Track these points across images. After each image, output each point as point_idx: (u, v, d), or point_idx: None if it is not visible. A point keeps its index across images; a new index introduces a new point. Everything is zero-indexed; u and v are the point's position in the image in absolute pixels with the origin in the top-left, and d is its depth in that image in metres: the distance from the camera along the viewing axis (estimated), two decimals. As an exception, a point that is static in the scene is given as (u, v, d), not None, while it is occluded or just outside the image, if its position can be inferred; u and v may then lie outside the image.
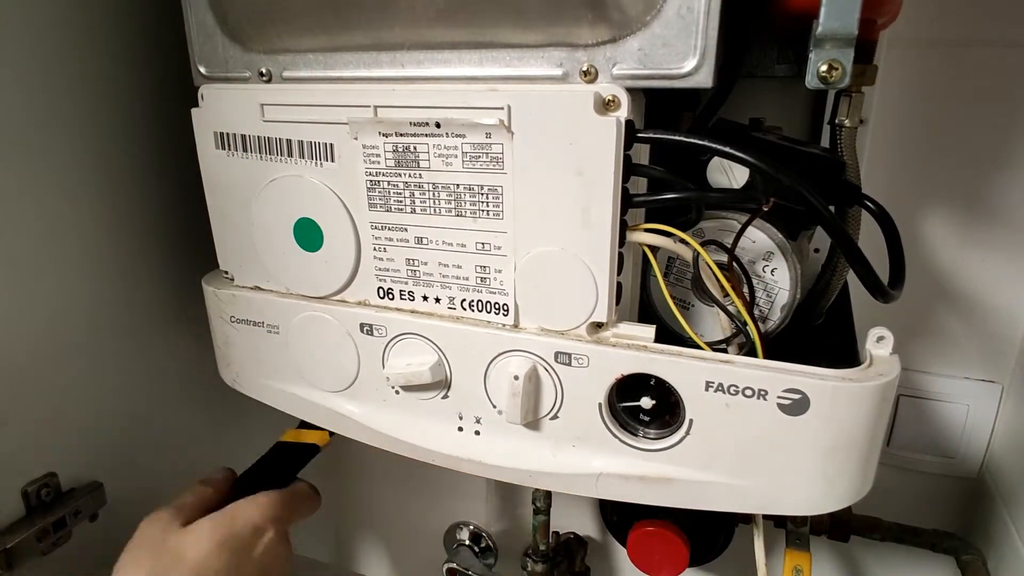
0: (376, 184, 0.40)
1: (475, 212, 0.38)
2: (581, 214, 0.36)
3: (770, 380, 0.35)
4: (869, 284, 0.37)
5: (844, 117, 0.42)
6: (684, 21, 0.33)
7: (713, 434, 0.37)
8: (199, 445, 0.64)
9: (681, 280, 0.42)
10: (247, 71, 0.42)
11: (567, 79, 0.35)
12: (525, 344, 0.40)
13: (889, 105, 0.58)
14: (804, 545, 0.56)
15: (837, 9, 0.32)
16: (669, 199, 0.37)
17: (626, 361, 0.38)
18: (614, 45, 0.34)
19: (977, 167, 0.58)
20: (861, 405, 0.34)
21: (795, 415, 0.35)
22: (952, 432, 0.64)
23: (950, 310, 0.62)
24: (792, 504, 0.37)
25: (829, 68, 0.33)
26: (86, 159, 0.50)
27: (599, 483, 0.40)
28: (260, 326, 0.48)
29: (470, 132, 0.37)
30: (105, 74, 0.50)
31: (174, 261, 0.57)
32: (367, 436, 0.47)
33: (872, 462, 0.37)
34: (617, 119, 0.34)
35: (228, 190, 0.45)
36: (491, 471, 0.43)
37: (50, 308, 0.49)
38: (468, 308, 0.41)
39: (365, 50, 0.39)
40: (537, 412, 0.41)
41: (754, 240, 0.40)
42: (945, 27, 0.56)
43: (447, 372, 0.43)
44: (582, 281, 0.37)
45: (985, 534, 0.63)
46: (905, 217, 0.60)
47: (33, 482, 0.48)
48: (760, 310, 0.41)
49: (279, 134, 0.42)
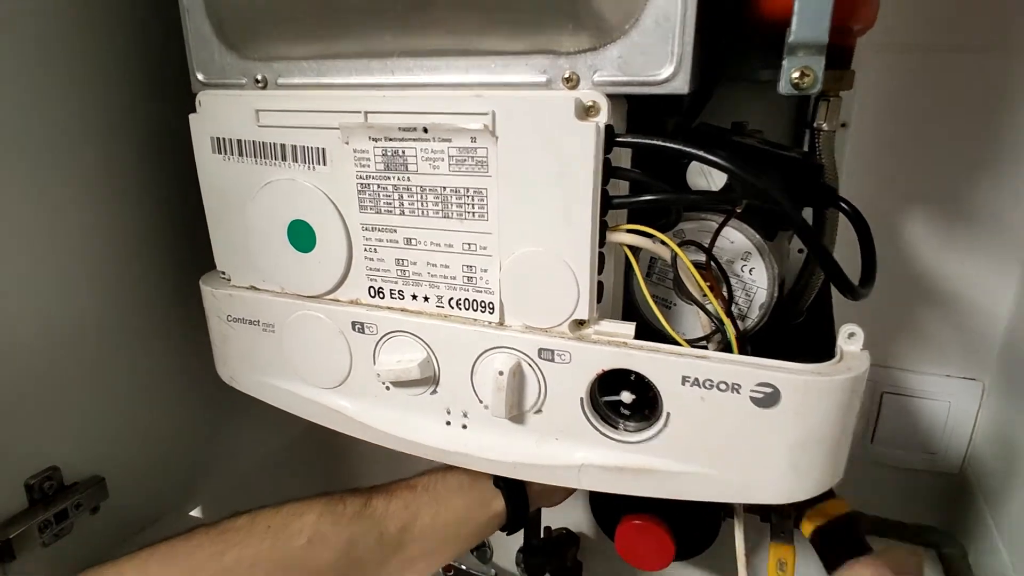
0: (366, 187, 0.42)
1: (461, 214, 0.40)
2: (562, 216, 0.37)
3: (743, 374, 0.36)
4: (838, 282, 0.38)
5: (822, 121, 0.43)
6: (661, 30, 0.34)
7: (689, 426, 0.38)
8: (197, 441, 0.66)
9: (663, 280, 0.44)
10: (243, 78, 0.44)
11: (550, 85, 0.37)
12: (510, 341, 0.41)
13: (870, 109, 0.59)
14: (788, 538, 0.57)
15: (808, 18, 0.33)
16: (647, 200, 0.39)
17: (607, 357, 0.39)
18: (595, 53, 0.36)
19: (957, 169, 0.59)
20: (831, 398, 0.36)
21: (767, 408, 0.36)
22: (934, 428, 0.66)
23: (931, 309, 0.63)
24: (765, 493, 0.38)
25: (801, 75, 0.34)
26: (88, 163, 0.51)
27: (581, 474, 0.41)
28: (256, 325, 0.49)
29: (456, 136, 0.38)
30: (106, 80, 0.51)
31: (173, 262, 0.58)
32: (359, 431, 0.48)
33: (843, 453, 0.38)
34: (597, 124, 0.35)
35: (224, 193, 0.47)
36: (478, 463, 0.45)
37: (53, 306, 0.50)
38: (455, 306, 0.42)
39: (357, 57, 0.41)
40: (521, 406, 0.42)
41: (732, 240, 0.42)
42: (923, 33, 0.57)
43: (435, 368, 0.44)
44: (564, 280, 0.38)
45: (966, 528, 0.64)
46: (887, 218, 0.61)
47: (36, 475, 0.50)
48: (739, 309, 0.42)
49: (274, 139, 0.43)
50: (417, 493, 0.49)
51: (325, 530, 0.45)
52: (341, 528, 0.45)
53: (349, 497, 0.47)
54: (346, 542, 0.45)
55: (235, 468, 0.71)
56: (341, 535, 0.45)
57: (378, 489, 0.49)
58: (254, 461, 0.74)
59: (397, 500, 0.48)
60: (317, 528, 0.44)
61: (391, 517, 0.47)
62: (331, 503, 0.46)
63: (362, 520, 0.46)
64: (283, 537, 0.44)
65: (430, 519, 0.49)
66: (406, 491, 0.49)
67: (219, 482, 0.69)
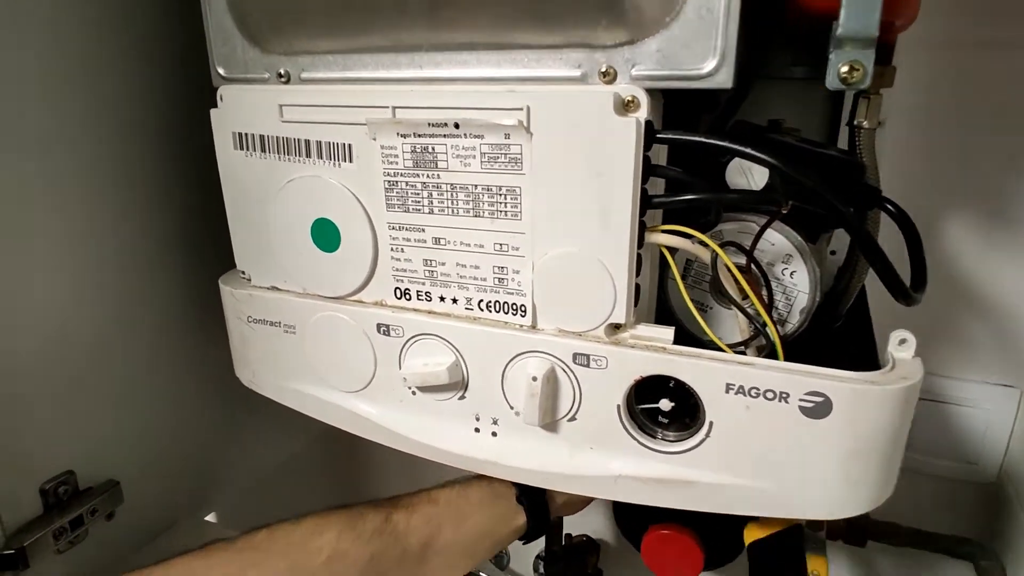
0: (394, 184, 0.40)
1: (493, 213, 0.38)
2: (599, 215, 0.36)
3: (792, 383, 0.34)
4: (892, 287, 0.37)
5: (863, 119, 0.42)
6: (704, 22, 0.33)
7: (733, 437, 0.37)
8: (215, 445, 0.65)
9: (699, 283, 0.42)
10: (266, 72, 0.43)
11: (586, 80, 0.35)
12: (543, 345, 0.40)
13: (908, 107, 0.57)
14: (821, 549, 0.55)
15: (857, 10, 0.31)
16: (688, 200, 0.37)
17: (645, 363, 0.37)
18: (633, 46, 0.34)
19: (997, 170, 0.58)
20: (884, 408, 0.34)
21: (817, 418, 0.34)
22: (971, 437, 0.64)
23: (969, 314, 0.61)
24: (814, 508, 0.37)
25: (850, 69, 0.33)
26: (107, 161, 0.50)
27: (617, 485, 0.40)
28: (277, 326, 0.48)
29: (489, 133, 0.37)
30: (125, 75, 0.51)
31: (192, 261, 0.57)
32: (383, 437, 0.47)
33: (894, 466, 0.36)
34: (637, 120, 0.34)
35: (246, 190, 0.45)
36: (508, 472, 0.43)
37: (70, 308, 0.49)
38: (485, 309, 0.41)
39: (383, 51, 0.39)
40: (555, 413, 0.41)
41: (773, 243, 0.40)
42: (964, 29, 0.56)
43: (464, 373, 0.43)
44: (600, 282, 0.37)
45: (1004, 540, 0.62)
46: (924, 220, 0.59)
47: (51, 480, 0.49)
48: (779, 313, 0.41)
49: (297, 135, 0.42)
50: (439, 508, 0.48)
51: (346, 547, 0.43)
52: (362, 545, 0.44)
53: (369, 512, 0.46)
54: (368, 559, 0.44)
55: (252, 473, 0.70)
56: (362, 552, 0.44)
57: (398, 502, 0.48)
58: (271, 465, 0.73)
59: (418, 515, 0.47)
60: (337, 546, 0.43)
61: (413, 532, 0.46)
62: (351, 519, 0.45)
63: (383, 536, 0.45)
64: (303, 556, 0.43)
65: (452, 534, 0.48)
66: (428, 505, 0.48)
67: (235, 487, 0.68)
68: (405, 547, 0.45)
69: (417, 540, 0.46)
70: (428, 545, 0.46)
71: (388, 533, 0.45)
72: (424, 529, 0.47)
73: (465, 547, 0.49)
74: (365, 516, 0.46)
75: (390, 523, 0.46)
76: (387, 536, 0.45)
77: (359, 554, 0.44)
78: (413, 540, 0.46)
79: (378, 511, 0.46)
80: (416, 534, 0.46)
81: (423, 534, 0.46)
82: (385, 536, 0.45)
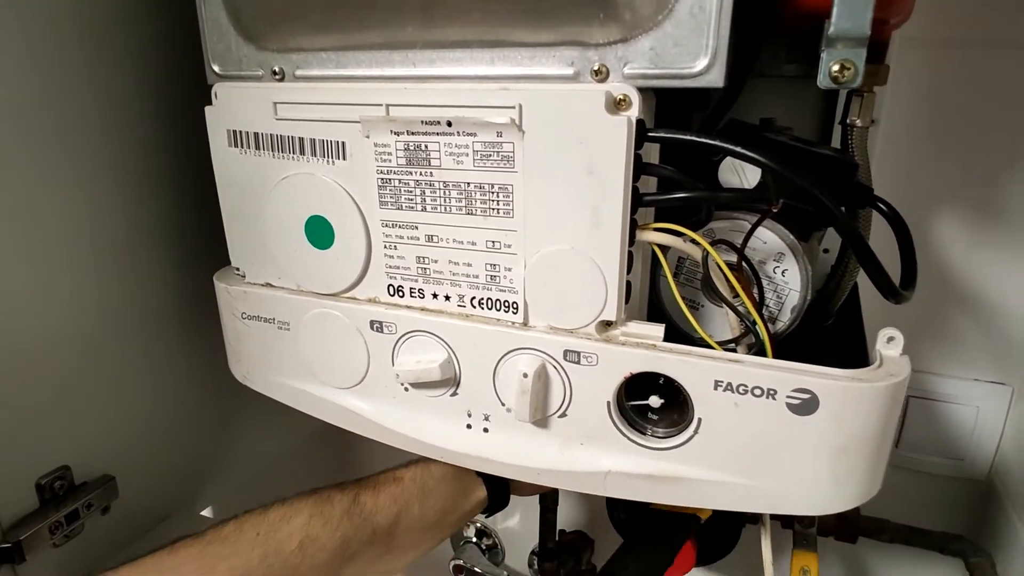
0: (387, 182, 0.41)
1: (485, 210, 0.39)
2: (591, 213, 0.36)
3: (780, 380, 0.35)
4: (881, 286, 0.37)
5: (856, 117, 0.42)
6: (696, 20, 0.33)
7: (722, 433, 0.37)
8: (210, 440, 0.65)
9: (690, 280, 0.42)
10: (260, 69, 0.43)
11: (578, 78, 0.36)
12: (534, 342, 0.40)
13: (900, 105, 0.58)
14: (812, 546, 0.56)
15: (849, 9, 0.32)
16: (679, 198, 0.37)
17: (635, 360, 0.38)
18: (625, 44, 0.34)
19: (987, 167, 0.58)
20: (871, 405, 0.34)
21: (804, 415, 0.35)
22: (961, 434, 0.64)
23: (960, 311, 0.62)
24: (801, 504, 0.37)
25: (841, 68, 0.33)
26: (102, 158, 0.50)
27: (607, 481, 0.40)
28: (271, 323, 0.48)
29: (481, 131, 0.37)
30: (120, 72, 0.51)
31: (187, 258, 0.57)
32: (376, 433, 0.47)
33: (882, 463, 0.36)
34: (628, 118, 0.34)
35: (240, 188, 0.46)
36: (499, 468, 0.43)
37: (66, 304, 0.49)
38: (478, 306, 0.41)
39: (377, 49, 0.40)
40: (546, 410, 0.41)
41: (765, 241, 0.40)
42: (957, 27, 0.56)
43: (456, 369, 0.43)
44: (592, 280, 0.37)
45: (994, 537, 0.62)
46: (914, 217, 0.59)
47: (47, 475, 0.49)
48: (770, 311, 0.41)
49: (292, 132, 0.42)
50: (404, 485, 0.49)
51: (316, 532, 0.44)
52: (332, 528, 0.44)
53: (337, 495, 0.46)
54: (339, 542, 0.44)
55: (246, 467, 0.70)
56: (333, 535, 0.44)
57: (364, 483, 0.49)
58: (265, 460, 0.73)
59: (385, 494, 0.48)
60: (307, 531, 0.43)
61: (381, 512, 0.47)
62: (319, 503, 0.45)
63: (352, 518, 0.45)
64: (273, 543, 0.42)
65: (418, 511, 0.48)
66: (393, 484, 0.49)
67: (230, 481, 0.68)
68: (374, 527, 0.46)
69: (385, 519, 0.46)
70: (396, 523, 0.47)
71: (356, 514, 0.45)
72: (391, 508, 0.47)
73: (431, 522, 0.50)
74: (333, 499, 0.46)
75: (358, 504, 0.46)
76: (356, 517, 0.45)
77: (330, 537, 0.44)
78: (381, 519, 0.46)
79: (345, 493, 0.47)
80: (384, 513, 0.46)
81: (391, 513, 0.47)
82: (354, 517, 0.45)
